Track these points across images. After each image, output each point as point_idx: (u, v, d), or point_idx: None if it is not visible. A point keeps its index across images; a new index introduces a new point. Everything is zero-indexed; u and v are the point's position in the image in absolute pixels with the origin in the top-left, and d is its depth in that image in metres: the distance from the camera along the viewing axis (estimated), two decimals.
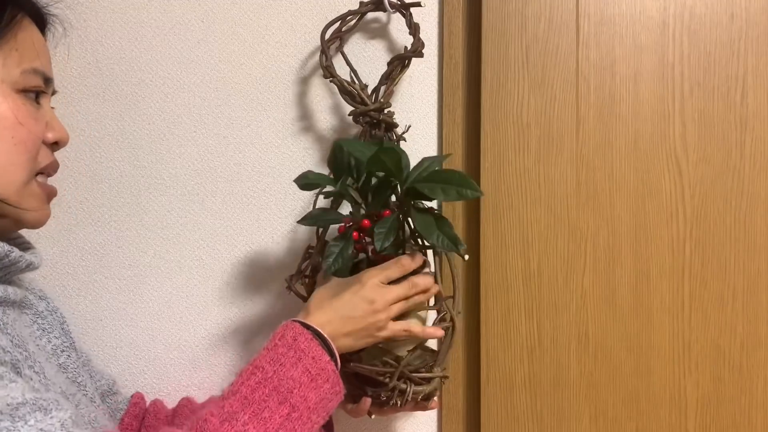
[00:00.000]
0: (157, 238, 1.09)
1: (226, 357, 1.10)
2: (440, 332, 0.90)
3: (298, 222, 0.94)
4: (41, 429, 0.57)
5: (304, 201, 1.08)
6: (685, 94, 1.05)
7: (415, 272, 0.90)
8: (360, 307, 0.83)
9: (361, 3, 1.02)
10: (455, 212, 1.07)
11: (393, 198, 0.92)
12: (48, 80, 0.77)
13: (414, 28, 0.99)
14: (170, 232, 1.09)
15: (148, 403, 1.02)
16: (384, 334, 0.85)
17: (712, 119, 1.04)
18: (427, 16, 1.05)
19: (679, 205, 1.05)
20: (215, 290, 1.09)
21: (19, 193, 0.71)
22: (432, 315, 0.98)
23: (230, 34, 1.08)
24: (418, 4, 1.00)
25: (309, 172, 0.93)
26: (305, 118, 1.08)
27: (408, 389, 0.89)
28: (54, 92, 0.81)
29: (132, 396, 1.00)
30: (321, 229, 0.98)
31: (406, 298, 0.87)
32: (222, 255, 1.09)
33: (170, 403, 1.06)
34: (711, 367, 1.05)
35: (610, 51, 1.05)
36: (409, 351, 0.92)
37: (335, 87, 0.99)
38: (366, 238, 0.90)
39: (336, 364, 0.80)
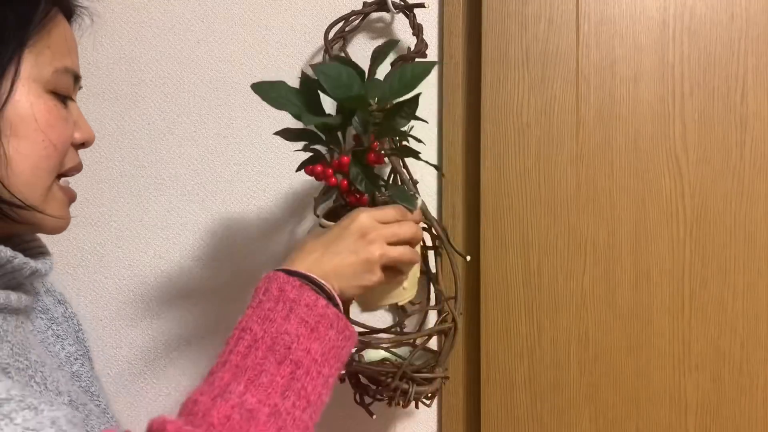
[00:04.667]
0: (157, 238, 1.09)
1: None
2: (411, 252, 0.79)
3: (275, 133, 0.82)
4: (28, 428, 0.51)
5: (304, 201, 1.08)
6: (685, 95, 1.05)
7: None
8: (351, 239, 0.74)
9: (364, 3, 1.02)
10: (455, 212, 1.07)
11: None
12: (77, 78, 0.72)
13: (417, 29, 0.99)
14: (170, 232, 1.09)
15: None
16: (377, 276, 0.75)
17: (712, 119, 1.04)
18: (427, 16, 1.06)
19: (679, 205, 1.05)
20: (215, 290, 1.09)
21: (43, 198, 0.67)
22: (432, 314, 0.98)
23: (230, 34, 1.08)
24: (422, 5, 1.00)
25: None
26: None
27: (410, 389, 0.89)
28: (80, 87, 0.75)
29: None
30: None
31: (403, 244, 0.77)
32: (222, 255, 1.09)
33: (169, 404, 1.06)
34: (711, 367, 1.05)
35: (610, 51, 1.05)
36: (411, 351, 0.92)
37: None
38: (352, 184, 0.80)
39: (338, 308, 0.70)
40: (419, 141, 0.88)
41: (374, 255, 0.74)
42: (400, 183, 0.99)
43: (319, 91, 0.79)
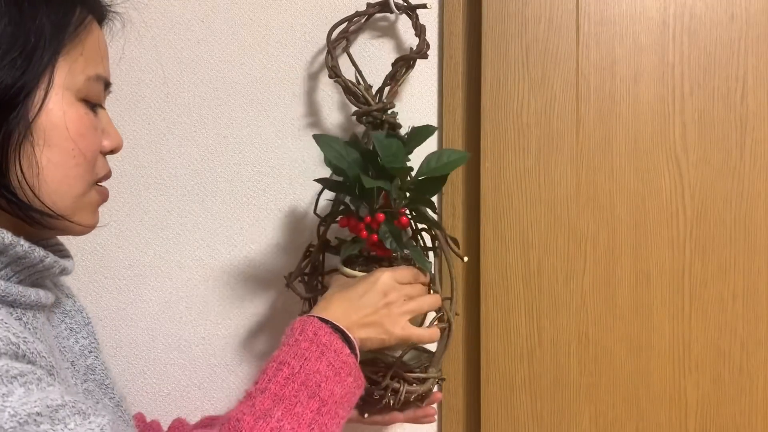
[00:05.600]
0: (157, 238, 1.09)
1: (226, 357, 1.10)
2: (436, 333, 0.89)
3: (315, 180, 0.93)
4: None
5: (304, 201, 1.08)
6: (685, 95, 1.05)
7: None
8: (374, 298, 0.83)
9: (368, 5, 1.02)
10: (455, 212, 1.07)
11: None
12: (108, 84, 0.72)
13: (420, 30, 0.99)
14: (170, 232, 1.09)
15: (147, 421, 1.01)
16: (398, 332, 0.83)
17: (712, 119, 1.05)
18: (427, 16, 1.05)
19: (679, 205, 1.05)
20: (215, 290, 1.09)
21: (73, 207, 0.68)
22: (429, 315, 0.98)
23: (230, 34, 1.08)
24: (424, 6, 1.00)
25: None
26: (305, 118, 1.08)
27: (401, 389, 0.89)
28: (109, 92, 0.75)
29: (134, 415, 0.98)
30: (322, 228, 0.98)
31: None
32: (222, 255, 1.09)
33: (169, 404, 1.06)
34: (711, 367, 1.05)
35: (610, 51, 1.05)
36: (403, 350, 0.92)
37: (336, 86, 0.99)
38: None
39: (356, 357, 0.79)
40: (436, 212, 0.97)
41: (395, 315, 0.84)
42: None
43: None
